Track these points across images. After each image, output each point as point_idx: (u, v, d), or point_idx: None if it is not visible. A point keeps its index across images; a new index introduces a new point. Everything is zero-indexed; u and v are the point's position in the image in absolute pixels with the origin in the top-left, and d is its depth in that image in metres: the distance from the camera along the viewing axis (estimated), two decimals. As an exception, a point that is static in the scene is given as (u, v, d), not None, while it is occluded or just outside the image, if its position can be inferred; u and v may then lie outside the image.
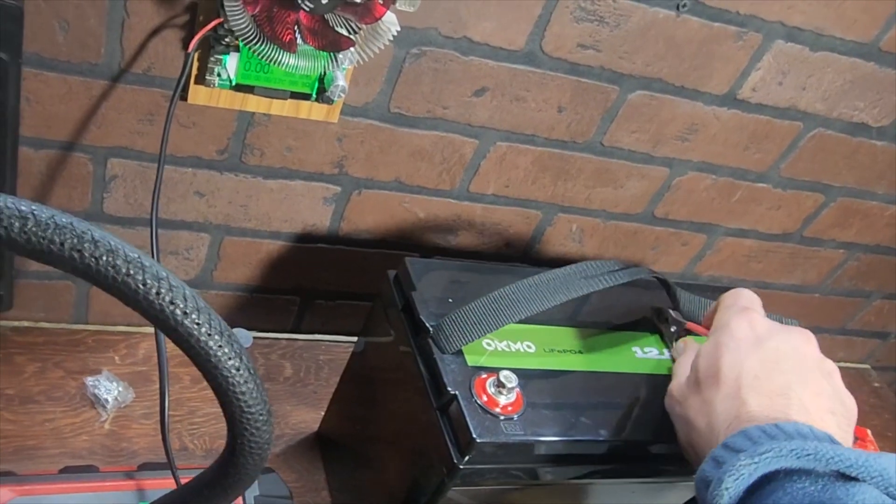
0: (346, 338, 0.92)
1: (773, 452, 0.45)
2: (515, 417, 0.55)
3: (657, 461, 0.62)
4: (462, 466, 0.54)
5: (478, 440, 0.53)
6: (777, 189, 0.94)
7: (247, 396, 0.32)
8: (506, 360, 0.60)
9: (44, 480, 0.61)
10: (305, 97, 0.69)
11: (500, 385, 0.56)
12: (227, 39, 0.62)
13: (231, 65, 0.65)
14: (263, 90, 0.67)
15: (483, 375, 0.57)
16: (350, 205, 0.81)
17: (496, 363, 0.59)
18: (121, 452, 0.72)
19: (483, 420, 0.54)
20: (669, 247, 0.97)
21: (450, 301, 0.62)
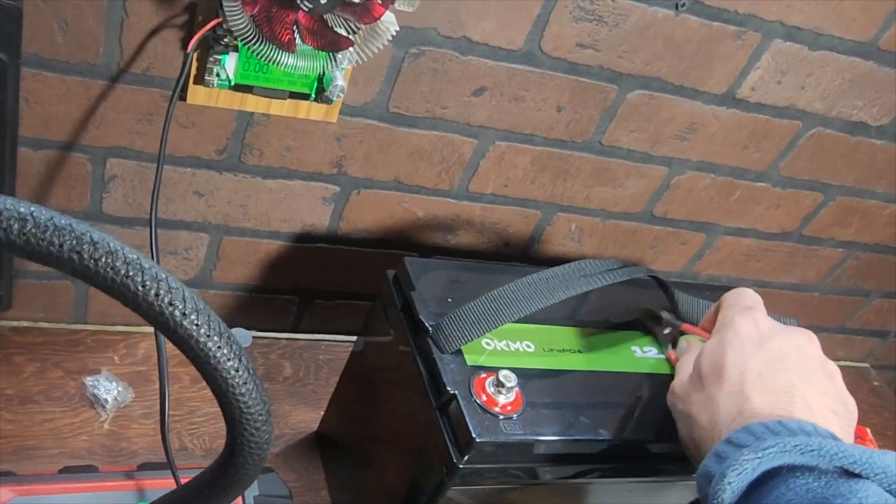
0: (346, 337, 0.92)
1: (777, 448, 0.45)
2: (515, 417, 0.55)
3: (657, 460, 0.62)
4: (461, 466, 0.54)
5: (477, 440, 0.53)
6: (776, 188, 0.94)
7: (246, 397, 0.32)
8: (505, 360, 0.60)
9: (43, 480, 0.61)
10: (304, 97, 0.69)
11: (500, 384, 0.56)
12: (226, 39, 0.62)
13: (230, 65, 0.65)
14: (262, 90, 0.67)
15: (482, 375, 0.57)
16: (349, 204, 0.81)
17: (495, 363, 0.59)
18: (120, 452, 0.72)
19: (482, 420, 0.54)
20: (668, 246, 0.97)
21: (449, 301, 0.62)
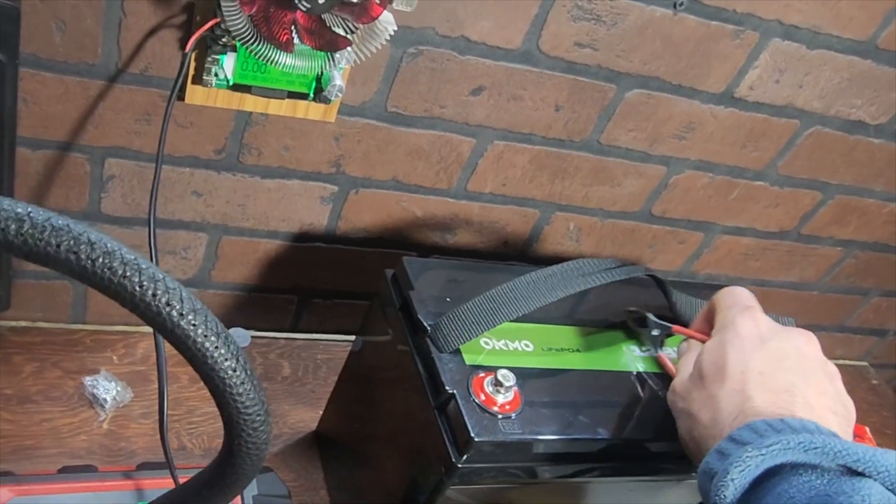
0: (344, 337, 0.92)
1: (781, 445, 0.45)
2: (513, 416, 0.56)
3: (655, 459, 0.62)
4: (460, 465, 0.54)
5: (476, 439, 0.53)
6: (774, 187, 0.94)
7: (244, 397, 0.32)
8: (504, 359, 0.60)
9: (42, 480, 0.61)
10: (303, 97, 0.69)
11: (498, 384, 0.56)
12: (224, 39, 0.62)
13: (228, 65, 0.65)
14: (260, 90, 0.67)
15: (481, 374, 0.57)
16: (347, 204, 0.81)
17: (494, 362, 0.59)
18: (119, 452, 0.72)
19: (481, 419, 0.54)
20: (667, 245, 0.97)
21: (447, 300, 0.62)
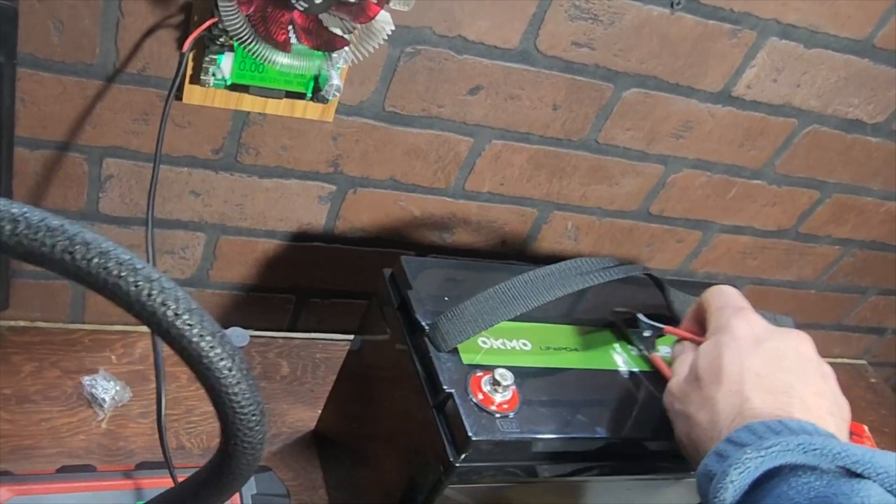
0: (343, 336, 0.92)
1: (780, 446, 0.45)
2: (511, 415, 0.56)
3: (653, 458, 0.62)
4: (458, 464, 0.54)
5: (474, 438, 0.53)
6: (772, 186, 0.94)
7: (239, 397, 0.32)
8: (501, 358, 0.60)
9: (41, 480, 0.61)
10: (300, 96, 0.69)
11: (496, 383, 0.56)
12: (222, 39, 0.62)
13: (226, 64, 0.65)
14: (258, 90, 0.67)
15: (479, 373, 0.57)
16: (345, 203, 0.81)
17: (492, 361, 0.59)
18: (118, 452, 0.72)
19: (479, 418, 0.54)
20: (664, 244, 0.97)
21: (445, 299, 0.62)
